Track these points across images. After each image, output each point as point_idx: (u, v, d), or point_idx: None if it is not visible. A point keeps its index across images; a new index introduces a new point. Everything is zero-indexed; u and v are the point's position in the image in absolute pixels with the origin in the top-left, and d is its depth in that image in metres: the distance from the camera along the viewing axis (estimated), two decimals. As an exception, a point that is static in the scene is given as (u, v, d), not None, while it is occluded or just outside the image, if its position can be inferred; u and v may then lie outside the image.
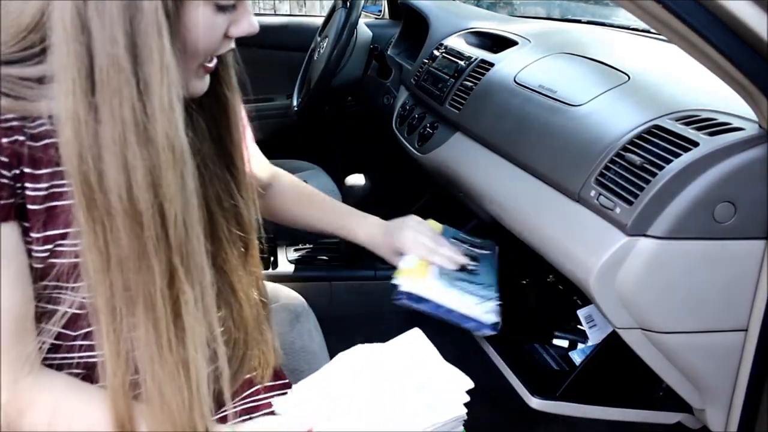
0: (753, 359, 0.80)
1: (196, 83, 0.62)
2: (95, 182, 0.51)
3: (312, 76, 1.71)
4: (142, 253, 0.52)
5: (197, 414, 0.58)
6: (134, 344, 0.54)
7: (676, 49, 0.75)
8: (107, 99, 0.49)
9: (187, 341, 0.56)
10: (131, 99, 0.50)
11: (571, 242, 0.84)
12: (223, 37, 0.60)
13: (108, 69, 0.49)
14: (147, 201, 0.51)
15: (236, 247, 0.71)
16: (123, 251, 0.52)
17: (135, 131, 0.50)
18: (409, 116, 1.52)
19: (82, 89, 0.49)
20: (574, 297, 1.12)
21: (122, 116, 0.50)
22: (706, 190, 0.73)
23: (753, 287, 0.78)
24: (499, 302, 0.88)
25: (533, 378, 1.01)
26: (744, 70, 0.68)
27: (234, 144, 0.70)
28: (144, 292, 0.53)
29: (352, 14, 1.55)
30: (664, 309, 0.78)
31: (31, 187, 0.54)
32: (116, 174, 0.50)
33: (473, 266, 0.94)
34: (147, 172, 0.51)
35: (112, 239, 0.51)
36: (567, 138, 0.91)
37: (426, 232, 0.93)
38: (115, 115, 0.50)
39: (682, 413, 0.97)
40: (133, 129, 0.50)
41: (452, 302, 0.86)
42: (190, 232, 0.55)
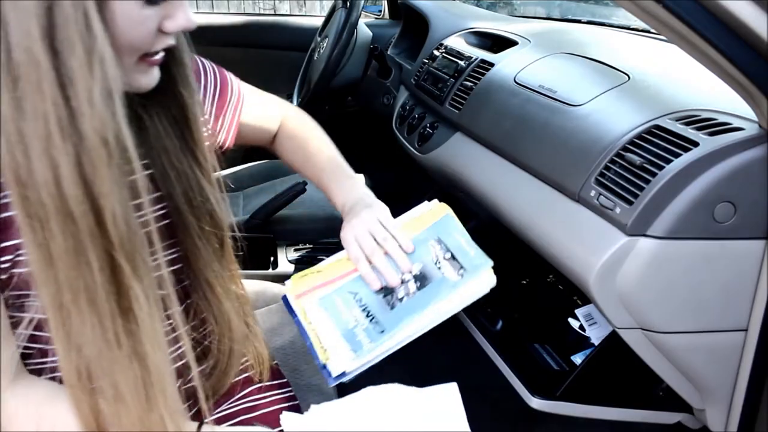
0: (753, 359, 0.80)
1: (140, 78, 0.60)
2: (26, 179, 0.50)
3: (312, 76, 1.71)
4: (79, 249, 0.51)
5: (161, 411, 0.57)
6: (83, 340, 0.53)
7: (676, 49, 0.75)
8: (28, 94, 0.48)
9: (142, 336, 0.55)
10: (52, 94, 0.48)
11: (571, 242, 0.84)
12: (158, 32, 0.57)
13: (26, 64, 0.48)
14: (77, 197, 0.50)
15: (210, 244, 0.70)
16: (59, 247, 0.51)
17: (58, 127, 0.49)
18: (409, 116, 1.52)
19: (6, 84, 0.48)
20: (574, 297, 1.12)
21: (44, 111, 0.49)
22: (706, 190, 0.73)
23: (753, 287, 0.78)
24: (369, 364, 0.72)
25: (533, 378, 1.01)
26: (744, 70, 0.68)
27: (196, 142, 0.69)
28: (85, 288, 0.52)
29: (352, 14, 1.55)
30: (664, 309, 0.78)
31: None
32: (43, 170, 0.49)
33: (403, 294, 0.74)
34: (74, 168, 0.50)
35: (49, 236, 0.51)
36: (567, 138, 0.91)
37: (375, 231, 0.80)
38: (37, 110, 0.49)
39: (682, 413, 0.97)
40: (56, 124, 0.49)
41: (315, 330, 0.73)
42: (132, 227, 0.54)
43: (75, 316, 0.52)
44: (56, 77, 0.48)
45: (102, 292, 0.52)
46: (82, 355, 0.53)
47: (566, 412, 0.98)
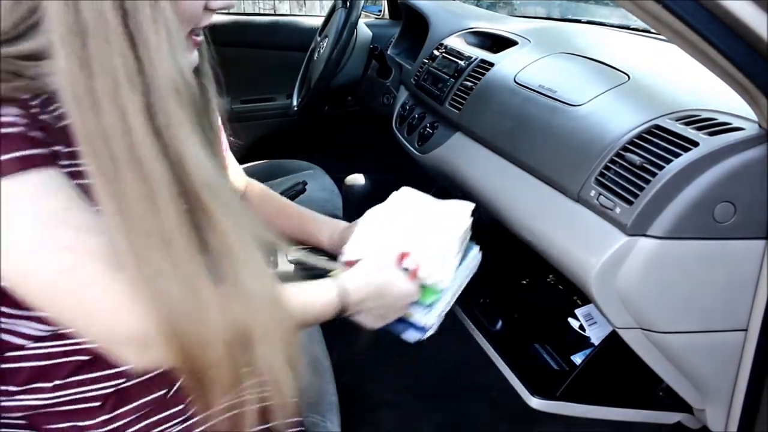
0: (753, 359, 0.80)
1: (187, 54, 0.63)
2: (96, 134, 0.52)
3: (312, 76, 1.71)
4: (151, 197, 0.53)
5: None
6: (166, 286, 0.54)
7: (676, 49, 0.75)
8: (96, 51, 0.51)
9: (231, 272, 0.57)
10: (120, 49, 0.51)
11: (571, 242, 0.84)
12: (204, 9, 0.62)
13: (95, 21, 0.51)
14: (149, 146, 0.52)
15: None
16: (133, 197, 0.52)
17: (127, 79, 0.51)
18: (409, 116, 1.52)
19: (72, 44, 0.51)
20: (574, 297, 1.12)
21: (112, 66, 0.51)
22: (706, 190, 0.73)
23: (753, 287, 0.78)
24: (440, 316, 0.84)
25: (533, 378, 1.01)
26: (744, 70, 0.68)
27: (214, 131, 0.73)
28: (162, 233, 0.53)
29: (352, 14, 1.55)
30: (664, 309, 0.78)
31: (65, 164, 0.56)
32: (114, 123, 0.51)
33: None
34: (144, 118, 0.52)
35: (122, 186, 0.52)
36: (567, 138, 0.91)
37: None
38: (104, 66, 0.51)
39: (682, 413, 0.97)
40: (125, 77, 0.51)
41: None
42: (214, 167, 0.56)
43: (154, 273, 0.53)
44: (124, 32, 0.51)
45: (178, 240, 0.53)
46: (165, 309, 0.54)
47: (566, 412, 0.98)
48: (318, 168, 1.85)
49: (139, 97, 0.52)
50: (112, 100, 0.51)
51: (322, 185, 1.73)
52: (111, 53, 0.51)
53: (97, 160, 0.52)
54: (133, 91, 0.52)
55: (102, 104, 0.51)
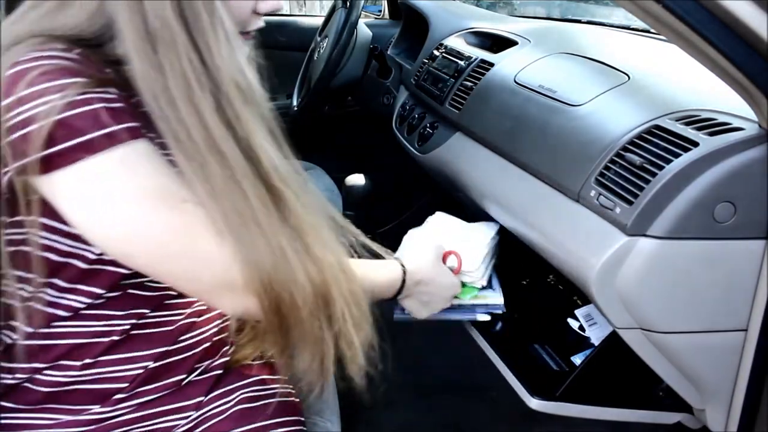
0: (753, 359, 0.80)
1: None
2: (178, 128, 0.57)
3: (312, 76, 1.71)
4: (235, 180, 0.58)
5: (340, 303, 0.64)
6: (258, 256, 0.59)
7: (676, 49, 0.75)
8: (166, 56, 0.56)
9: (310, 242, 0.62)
10: (186, 53, 0.56)
11: (571, 242, 0.84)
12: (252, 13, 0.67)
13: (161, 30, 0.56)
14: (224, 137, 0.58)
15: None
16: (219, 180, 0.58)
17: (196, 80, 0.57)
18: (409, 116, 1.52)
19: (144, 49, 0.56)
20: (574, 297, 1.12)
21: (182, 69, 0.56)
22: (706, 190, 0.73)
23: (753, 287, 0.78)
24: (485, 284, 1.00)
25: (533, 378, 1.01)
26: (744, 70, 0.68)
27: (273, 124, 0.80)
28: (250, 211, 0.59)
29: (352, 14, 1.55)
30: (664, 309, 0.78)
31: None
32: (191, 117, 0.57)
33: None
34: (216, 112, 0.57)
35: (209, 172, 0.58)
36: (567, 138, 0.91)
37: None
38: (175, 68, 0.56)
39: (682, 413, 0.97)
40: (194, 78, 0.57)
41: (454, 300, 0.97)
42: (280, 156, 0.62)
43: (246, 237, 0.58)
44: (188, 38, 0.57)
45: (263, 214, 0.59)
46: (257, 264, 0.59)
47: (566, 412, 0.98)
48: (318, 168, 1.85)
49: (209, 95, 0.57)
50: (186, 98, 0.57)
51: (322, 185, 1.73)
52: (179, 56, 0.56)
53: (183, 151, 0.57)
54: (203, 89, 0.57)
55: (177, 103, 0.57)
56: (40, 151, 0.54)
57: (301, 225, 0.62)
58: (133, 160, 0.57)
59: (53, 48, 0.57)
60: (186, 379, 0.74)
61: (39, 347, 0.67)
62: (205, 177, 0.58)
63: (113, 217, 0.57)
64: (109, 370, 0.69)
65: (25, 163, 0.55)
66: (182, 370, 0.74)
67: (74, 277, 0.65)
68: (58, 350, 0.67)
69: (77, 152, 0.55)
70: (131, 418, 0.70)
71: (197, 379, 0.75)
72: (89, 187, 0.56)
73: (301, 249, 0.61)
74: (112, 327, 0.68)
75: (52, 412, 0.68)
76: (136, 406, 0.70)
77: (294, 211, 0.62)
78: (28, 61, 0.55)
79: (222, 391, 0.77)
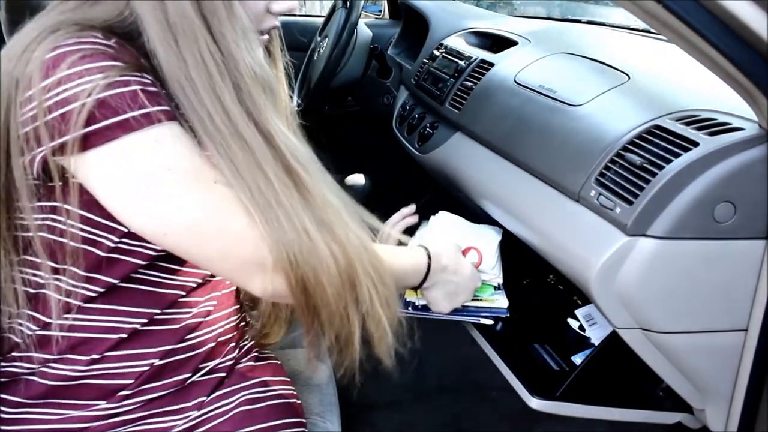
0: (753, 359, 0.80)
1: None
2: (201, 113, 0.59)
3: (312, 76, 1.71)
4: (257, 162, 0.60)
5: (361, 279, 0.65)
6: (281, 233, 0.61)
7: (676, 49, 0.75)
8: (187, 47, 0.59)
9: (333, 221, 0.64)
10: (206, 43, 0.59)
11: (571, 242, 0.84)
12: (266, 12, 0.69)
13: (181, 22, 0.59)
14: (245, 123, 0.60)
15: None
16: (242, 161, 0.60)
17: (216, 68, 0.59)
18: (409, 116, 1.52)
19: (167, 41, 0.59)
20: (574, 297, 1.12)
21: (202, 58, 0.59)
22: (706, 190, 0.73)
23: (753, 287, 0.78)
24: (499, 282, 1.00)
25: (533, 378, 1.01)
26: (744, 70, 0.68)
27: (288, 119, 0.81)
28: (273, 192, 0.61)
29: (352, 14, 1.55)
30: (664, 309, 0.78)
31: None
32: (212, 103, 0.59)
33: None
34: (236, 99, 0.60)
35: (232, 153, 0.60)
36: (567, 138, 0.91)
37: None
38: (196, 58, 0.59)
39: (682, 413, 0.97)
40: (215, 66, 0.59)
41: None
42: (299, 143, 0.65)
43: (272, 217, 0.60)
44: (207, 30, 0.59)
45: (285, 195, 0.61)
46: (284, 243, 0.61)
47: (566, 412, 0.98)
48: (318, 168, 1.84)
49: (230, 84, 0.60)
50: (208, 87, 0.59)
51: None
52: (199, 48, 0.59)
53: (209, 135, 0.60)
54: (223, 79, 0.60)
55: (200, 91, 0.59)
56: (80, 129, 0.56)
57: (323, 207, 0.64)
58: (168, 140, 0.59)
59: (92, 35, 0.59)
60: (190, 378, 0.74)
61: (49, 338, 0.67)
62: (230, 160, 0.60)
63: (148, 195, 0.58)
64: (115, 366, 0.69)
65: (63, 143, 0.56)
66: (187, 369, 0.74)
67: (91, 266, 0.65)
68: (67, 343, 0.67)
69: (114, 131, 0.56)
70: (135, 416, 0.71)
71: (201, 379, 0.76)
72: (126, 164, 0.58)
73: (325, 229, 0.62)
74: (122, 324, 0.69)
75: (57, 407, 0.68)
76: (140, 403, 0.71)
77: (314, 194, 0.63)
78: (69, 45, 0.57)
79: (223, 392, 0.77)
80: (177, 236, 0.61)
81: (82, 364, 0.68)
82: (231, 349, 0.80)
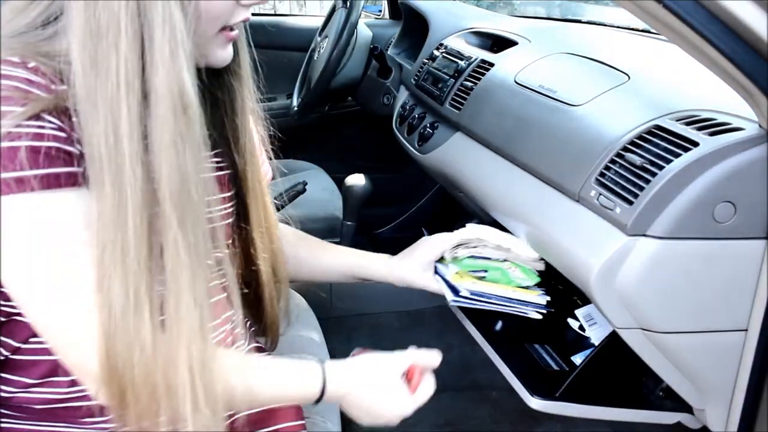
0: (753, 359, 0.80)
1: (217, 50, 0.65)
2: (91, 135, 0.53)
3: (312, 76, 1.71)
4: (122, 205, 0.54)
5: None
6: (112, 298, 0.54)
7: (676, 49, 0.75)
8: (104, 52, 0.53)
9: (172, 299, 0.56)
10: (126, 51, 0.53)
11: (571, 242, 0.84)
12: (237, 5, 0.63)
13: (107, 22, 0.52)
14: (129, 149, 0.53)
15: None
16: (107, 200, 0.53)
17: (126, 81, 0.53)
18: (409, 116, 1.52)
19: (86, 45, 0.53)
20: (574, 297, 1.12)
21: (116, 67, 0.52)
22: (706, 190, 0.72)
23: (753, 287, 0.78)
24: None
25: (533, 378, 1.01)
26: (744, 70, 0.68)
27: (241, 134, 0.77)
28: (121, 246, 0.54)
29: (352, 14, 1.55)
30: (664, 309, 0.78)
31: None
32: (105, 123, 0.53)
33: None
34: (135, 122, 0.53)
35: (101, 189, 0.54)
36: (567, 138, 0.91)
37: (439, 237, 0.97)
38: (110, 67, 0.52)
39: (682, 413, 0.97)
40: (124, 79, 0.53)
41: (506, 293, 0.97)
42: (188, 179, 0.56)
43: (109, 273, 0.54)
44: (134, 35, 0.53)
45: (134, 248, 0.54)
46: (112, 313, 0.54)
47: (566, 412, 0.98)
48: (318, 168, 1.85)
49: (134, 101, 0.53)
50: (109, 99, 0.52)
51: (322, 185, 1.73)
52: (118, 54, 0.53)
53: (92, 163, 0.53)
54: (129, 93, 0.53)
55: (99, 104, 0.53)
56: None
57: (176, 313, 0.57)
58: (37, 215, 0.53)
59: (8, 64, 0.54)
60: None
61: (25, 362, 0.65)
62: (99, 196, 0.54)
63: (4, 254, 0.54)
64: None
65: None
66: None
67: None
68: (44, 367, 0.66)
69: None
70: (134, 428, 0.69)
71: None
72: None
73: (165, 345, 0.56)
74: None
75: (54, 421, 0.68)
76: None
77: (173, 256, 0.56)
78: None
79: None
80: (23, 305, 0.57)
81: (64, 386, 0.66)
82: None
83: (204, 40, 0.62)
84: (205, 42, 0.63)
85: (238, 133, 0.76)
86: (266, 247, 0.83)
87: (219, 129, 0.75)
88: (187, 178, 0.56)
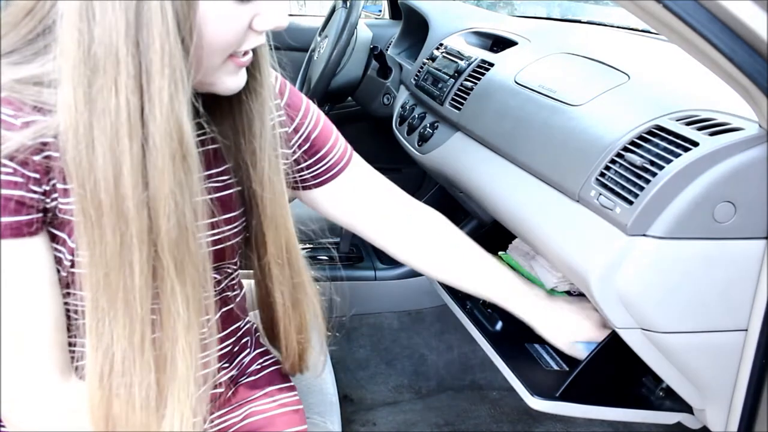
0: (753, 359, 0.80)
1: (226, 79, 0.60)
2: (87, 175, 0.50)
3: (312, 76, 1.71)
4: (125, 251, 0.51)
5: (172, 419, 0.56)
6: (111, 341, 0.53)
7: (676, 49, 0.75)
8: (102, 89, 0.49)
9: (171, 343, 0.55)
10: (126, 90, 0.49)
11: (571, 242, 0.84)
12: (249, 30, 0.57)
13: (105, 58, 0.48)
14: (134, 197, 0.51)
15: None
16: (108, 248, 0.51)
17: (127, 123, 0.49)
18: (409, 116, 1.52)
19: (80, 79, 0.49)
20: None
21: (116, 107, 0.49)
22: (706, 190, 0.73)
23: (753, 287, 0.78)
24: None
25: (533, 378, 1.01)
26: (744, 70, 0.68)
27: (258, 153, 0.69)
28: (124, 290, 0.52)
29: (352, 14, 1.55)
30: (664, 309, 0.78)
31: (63, 201, 0.54)
32: (105, 167, 0.50)
33: None
34: (137, 166, 0.50)
35: (100, 236, 0.51)
36: (567, 138, 0.91)
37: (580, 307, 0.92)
38: (109, 106, 0.49)
39: (682, 413, 0.97)
40: (126, 121, 0.49)
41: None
42: (187, 229, 0.54)
43: (109, 317, 0.52)
44: (134, 74, 0.49)
45: (139, 296, 0.52)
46: (108, 355, 0.53)
47: (566, 412, 0.98)
48: (318, 168, 1.84)
49: (137, 146, 0.50)
50: (108, 143, 0.49)
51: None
52: (117, 94, 0.49)
53: (84, 203, 0.51)
54: (131, 136, 0.50)
55: (97, 146, 0.49)
56: None
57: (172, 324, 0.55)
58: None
59: None
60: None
61: None
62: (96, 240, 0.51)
63: None
64: None
65: None
66: None
67: None
68: None
69: None
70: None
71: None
72: None
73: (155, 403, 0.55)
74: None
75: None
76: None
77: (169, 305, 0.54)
78: None
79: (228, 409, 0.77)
80: None
81: None
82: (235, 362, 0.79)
83: (210, 69, 0.57)
84: (212, 71, 0.58)
85: (256, 157, 0.68)
86: (286, 281, 0.76)
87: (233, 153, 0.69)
88: (185, 227, 0.54)
